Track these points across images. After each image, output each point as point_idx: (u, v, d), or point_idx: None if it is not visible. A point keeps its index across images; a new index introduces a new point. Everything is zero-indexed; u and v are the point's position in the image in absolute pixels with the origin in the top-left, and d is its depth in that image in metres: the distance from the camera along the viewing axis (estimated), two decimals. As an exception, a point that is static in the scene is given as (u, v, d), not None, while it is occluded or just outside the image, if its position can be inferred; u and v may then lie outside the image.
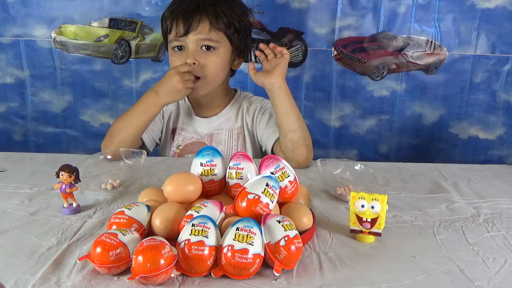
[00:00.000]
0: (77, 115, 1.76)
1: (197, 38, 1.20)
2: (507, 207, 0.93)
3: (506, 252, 0.74)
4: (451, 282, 0.65)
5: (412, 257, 0.71)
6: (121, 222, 0.70)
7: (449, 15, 1.63)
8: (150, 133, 1.31)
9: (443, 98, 1.72)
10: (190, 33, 1.19)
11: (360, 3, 1.63)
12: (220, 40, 1.22)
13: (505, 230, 0.82)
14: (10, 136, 1.79)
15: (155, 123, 1.31)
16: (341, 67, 1.70)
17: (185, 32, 1.19)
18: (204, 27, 1.19)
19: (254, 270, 0.63)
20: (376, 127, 1.76)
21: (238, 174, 0.78)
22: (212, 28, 1.20)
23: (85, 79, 1.72)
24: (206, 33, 1.20)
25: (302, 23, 1.66)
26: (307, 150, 1.18)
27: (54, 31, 1.67)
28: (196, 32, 1.19)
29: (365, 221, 0.75)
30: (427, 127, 1.75)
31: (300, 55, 1.68)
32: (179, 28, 1.20)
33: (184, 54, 1.22)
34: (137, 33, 1.68)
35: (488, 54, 1.66)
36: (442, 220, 0.86)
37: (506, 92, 1.70)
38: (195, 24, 1.19)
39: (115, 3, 1.65)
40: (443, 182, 1.08)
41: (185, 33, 1.19)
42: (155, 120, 1.28)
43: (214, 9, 1.20)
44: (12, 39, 1.68)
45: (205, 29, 1.19)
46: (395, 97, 1.72)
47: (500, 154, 1.76)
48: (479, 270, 0.68)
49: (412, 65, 1.69)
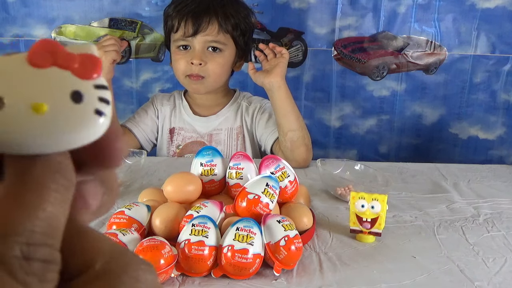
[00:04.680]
0: (77, 115, 1.76)
1: (205, 39, 1.20)
2: (507, 207, 0.93)
3: (506, 252, 0.74)
4: (451, 282, 0.64)
5: (412, 257, 0.71)
6: (121, 222, 0.70)
7: (449, 15, 1.63)
8: (144, 133, 1.31)
9: (443, 98, 1.72)
10: (198, 34, 1.19)
11: (360, 3, 1.63)
12: (227, 42, 1.22)
13: (505, 230, 0.82)
14: (10, 136, 1.79)
15: (147, 122, 1.31)
16: (341, 67, 1.70)
17: (194, 33, 1.19)
18: (213, 29, 1.19)
19: (254, 270, 0.63)
20: (376, 127, 1.76)
21: (238, 174, 0.78)
22: (221, 30, 1.20)
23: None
24: (214, 35, 1.20)
25: (302, 23, 1.66)
26: (306, 150, 1.18)
27: (54, 31, 1.67)
28: (205, 34, 1.19)
29: (365, 221, 0.75)
30: (427, 127, 1.75)
31: (300, 55, 1.68)
32: (188, 28, 1.20)
33: (189, 53, 1.22)
34: (137, 33, 1.68)
35: (488, 54, 1.66)
36: (442, 220, 0.86)
37: (506, 92, 1.70)
38: (205, 25, 1.19)
39: (115, 3, 1.65)
40: (443, 182, 1.08)
41: (194, 34, 1.19)
42: (147, 120, 1.29)
43: (223, 11, 1.20)
44: (12, 39, 1.68)
45: (214, 31, 1.20)
46: (395, 97, 1.72)
47: (500, 154, 1.76)
48: (479, 270, 0.68)
49: (412, 65, 1.69)
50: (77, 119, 0.18)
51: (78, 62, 0.19)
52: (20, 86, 0.18)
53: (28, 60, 0.18)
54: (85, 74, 0.19)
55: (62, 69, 0.18)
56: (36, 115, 0.17)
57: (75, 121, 0.18)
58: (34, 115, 0.17)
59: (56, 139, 0.17)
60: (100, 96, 0.18)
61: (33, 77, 0.18)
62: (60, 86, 0.18)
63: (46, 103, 0.17)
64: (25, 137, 0.17)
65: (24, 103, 0.17)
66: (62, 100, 0.18)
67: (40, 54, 0.18)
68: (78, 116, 0.18)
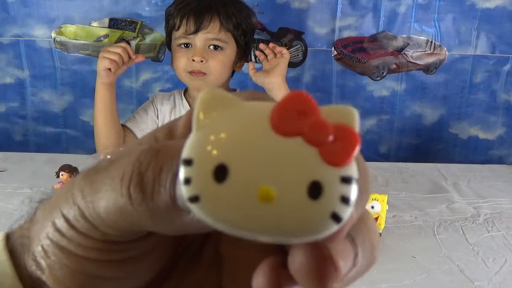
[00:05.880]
0: (77, 115, 1.76)
1: (206, 37, 1.20)
2: (507, 207, 0.93)
3: (506, 252, 0.74)
4: (451, 282, 0.64)
5: (412, 257, 0.71)
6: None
7: (449, 15, 1.63)
8: (144, 133, 1.31)
9: (443, 98, 1.72)
10: (200, 32, 1.19)
11: (360, 3, 1.63)
12: (228, 41, 1.22)
13: (505, 230, 0.82)
14: (10, 136, 1.79)
15: (147, 122, 1.31)
16: (341, 67, 1.70)
17: (195, 30, 1.19)
18: (214, 27, 1.20)
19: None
20: (376, 127, 1.76)
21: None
22: (222, 28, 1.20)
23: (85, 79, 1.72)
24: (215, 33, 1.20)
25: (302, 23, 1.65)
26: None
27: (54, 31, 1.67)
28: (206, 31, 1.20)
29: (365, 221, 0.75)
30: (427, 127, 1.75)
31: (300, 55, 1.68)
32: (189, 25, 1.20)
33: (190, 51, 1.22)
34: (137, 33, 1.68)
35: (488, 54, 1.66)
36: (442, 220, 0.86)
37: (506, 92, 1.70)
38: (206, 23, 1.19)
39: (115, 3, 1.65)
40: (443, 182, 1.08)
41: (195, 31, 1.19)
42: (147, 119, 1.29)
43: (224, 9, 1.20)
44: (12, 39, 1.68)
45: (215, 29, 1.20)
46: (395, 97, 1.72)
47: (500, 154, 1.76)
48: (479, 270, 0.68)
49: (412, 65, 1.69)
50: (305, 220, 0.14)
51: (331, 136, 0.14)
52: (255, 158, 0.14)
53: (272, 120, 0.14)
54: (335, 158, 0.14)
55: (309, 143, 0.14)
56: (260, 201, 0.14)
57: (301, 222, 0.14)
58: (257, 201, 0.14)
59: (272, 234, 0.14)
60: (343, 195, 0.14)
61: (272, 148, 0.14)
62: (299, 169, 0.14)
63: (276, 189, 0.13)
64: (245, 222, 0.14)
65: (253, 182, 0.14)
66: (296, 190, 0.14)
67: (288, 116, 0.14)
68: (307, 217, 0.14)
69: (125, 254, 0.17)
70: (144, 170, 0.15)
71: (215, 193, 0.13)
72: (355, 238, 0.15)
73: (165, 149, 0.15)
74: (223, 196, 0.13)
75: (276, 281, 0.15)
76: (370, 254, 0.16)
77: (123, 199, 0.15)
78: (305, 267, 0.14)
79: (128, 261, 0.17)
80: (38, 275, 0.17)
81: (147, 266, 0.18)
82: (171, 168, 0.14)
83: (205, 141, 0.14)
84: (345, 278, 0.15)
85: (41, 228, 0.17)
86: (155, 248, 0.18)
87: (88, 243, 0.16)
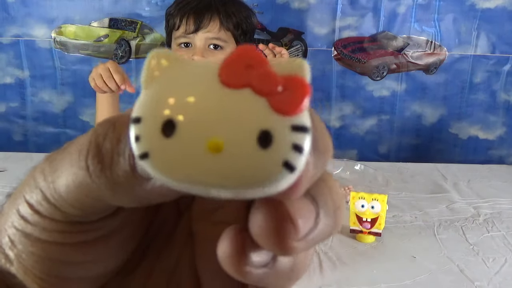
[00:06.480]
0: (77, 115, 1.76)
1: (206, 36, 1.20)
2: (507, 207, 0.93)
3: (506, 252, 0.74)
4: (451, 282, 0.65)
5: (412, 257, 0.71)
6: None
7: (449, 15, 1.63)
8: None
9: (443, 98, 1.72)
10: (200, 31, 1.20)
11: (360, 3, 1.63)
12: (228, 41, 1.23)
13: (505, 230, 0.82)
14: (10, 136, 1.79)
15: None
16: (341, 67, 1.70)
17: (195, 30, 1.20)
18: (214, 26, 1.20)
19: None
20: (376, 127, 1.76)
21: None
22: (222, 27, 1.20)
23: (85, 79, 1.71)
24: (215, 32, 1.20)
25: (302, 23, 1.65)
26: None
27: (54, 31, 1.67)
28: (206, 31, 1.20)
29: (365, 221, 0.75)
30: (427, 127, 1.75)
31: (300, 55, 1.68)
32: (189, 25, 1.20)
33: (190, 50, 1.22)
34: (137, 33, 1.68)
35: (488, 54, 1.66)
36: (442, 220, 0.86)
37: (506, 92, 1.70)
38: (206, 22, 1.19)
39: (115, 3, 1.65)
40: (443, 182, 1.08)
41: (195, 31, 1.20)
42: None
43: (224, 9, 1.21)
44: (12, 39, 1.68)
45: (215, 28, 1.20)
46: (395, 97, 1.72)
47: (500, 154, 1.76)
48: (479, 270, 0.68)
49: (412, 65, 1.69)
50: (256, 170, 0.13)
51: (280, 87, 0.14)
52: (203, 112, 0.14)
53: (220, 75, 0.14)
54: (284, 107, 0.14)
55: (257, 94, 0.14)
56: (209, 153, 0.13)
57: (252, 172, 0.13)
58: (206, 152, 0.13)
59: (224, 186, 0.14)
60: (295, 143, 0.14)
61: (220, 101, 0.14)
62: (247, 120, 0.14)
63: (224, 140, 0.13)
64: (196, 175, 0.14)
65: (201, 136, 0.13)
66: (245, 140, 0.13)
67: (236, 69, 0.14)
68: (258, 166, 0.13)
69: (91, 234, 0.17)
70: (102, 141, 0.15)
71: (163, 148, 0.13)
72: (315, 197, 0.15)
73: (122, 119, 0.15)
74: (172, 151, 0.13)
75: (241, 245, 0.15)
76: (333, 214, 0.15)
77: (82, 172, 0.15)
78: (264, 227, 0.14)
79: (96, 243, 0.17)
80: (7, 268, 0.17)
81: (117, 247, 0.18)
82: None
83: (152, 98, 0.14)
84: (306, 238, 0.15)
85: (7, 218, 0.17)
86: (123, 227, 0.18)
87: (52, 227, 0.16)
